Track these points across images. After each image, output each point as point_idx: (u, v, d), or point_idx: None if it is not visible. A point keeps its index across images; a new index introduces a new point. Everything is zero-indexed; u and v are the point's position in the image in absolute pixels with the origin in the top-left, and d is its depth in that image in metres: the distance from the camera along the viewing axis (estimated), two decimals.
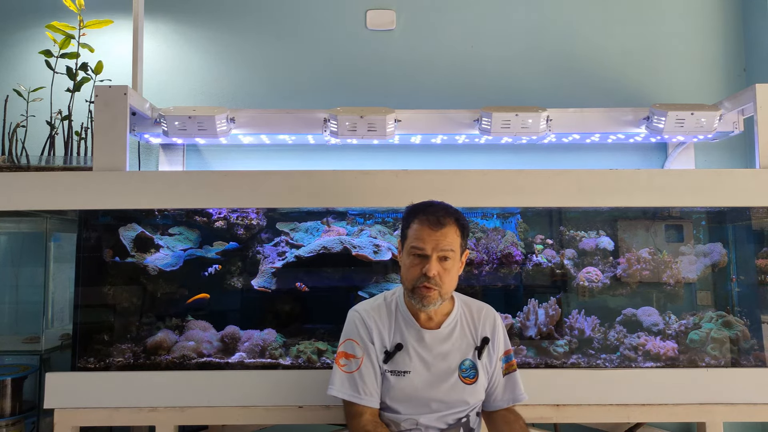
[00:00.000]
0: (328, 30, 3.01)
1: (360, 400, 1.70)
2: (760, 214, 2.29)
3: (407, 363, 1.71)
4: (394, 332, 1.75)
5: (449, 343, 1.74)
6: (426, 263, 1.65)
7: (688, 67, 2.98)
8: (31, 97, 2.69)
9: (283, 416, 2.07)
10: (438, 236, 1.65)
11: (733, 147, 2.90)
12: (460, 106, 2.75)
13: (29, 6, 2.97)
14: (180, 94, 2.96)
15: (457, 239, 1.69)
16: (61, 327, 2.55)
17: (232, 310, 2.43)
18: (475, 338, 1.77)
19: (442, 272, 1.66)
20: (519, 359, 2.16)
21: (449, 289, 1.71)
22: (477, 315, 1.80)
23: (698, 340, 2.22)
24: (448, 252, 1.66)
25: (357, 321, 1.77)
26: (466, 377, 1.72)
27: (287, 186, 2.15)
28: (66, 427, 2.05)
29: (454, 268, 1.70)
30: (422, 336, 1.73)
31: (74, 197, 2.13)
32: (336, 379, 1.73)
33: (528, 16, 3.02)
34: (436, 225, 1.66)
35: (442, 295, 1.68)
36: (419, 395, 1.70)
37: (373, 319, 1.76)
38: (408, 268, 1.70)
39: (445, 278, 1.67)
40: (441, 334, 1.74)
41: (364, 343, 1.74)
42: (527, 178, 2.16)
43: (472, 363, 1.74)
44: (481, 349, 1.75)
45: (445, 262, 1.66)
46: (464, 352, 1.74)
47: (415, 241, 1.67)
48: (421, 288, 1.66)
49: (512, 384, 1.79)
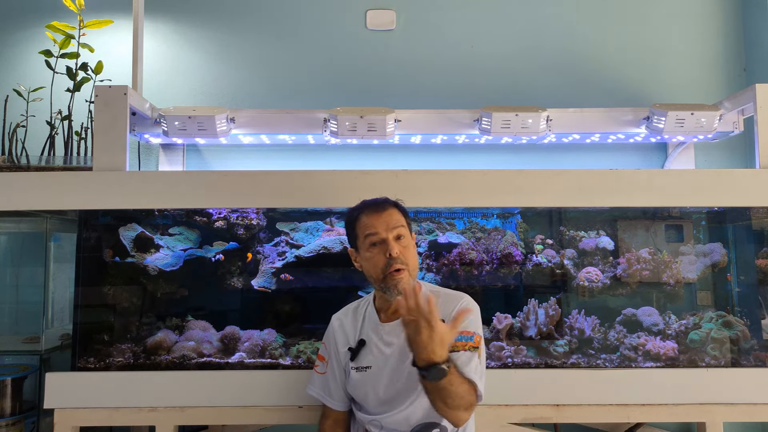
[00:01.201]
0: (328, 30, 3.01)
1: (326, 401, 1.82)
2: (760, 214, 2.29)
3: (369, 358, 1.74)
4: (360, 331, 1.79)
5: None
6: (386, 246, 1.67)
7: (688, 67, 2.98)
8: (31, 97, 2.69)
9: (283, 416, 2.07)
10: (384, 216, 1.69)
11: (733, 147, 2.90)
12: (460, 106, 2.75)
13: (29, 6, 2.97)
14: (180, 94, 2.96)
15: (401, 217, 1.73)
16: (61, 327, 2.55)
17: (232, 310, 2.43)
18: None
19: (402, 250, 1.68)
20: (519, 359, 2.16)
21: (414, 265, 1.71)
22: (442, 301, 1.72)
23: (698, 340, 2.22)
24: (400, 228, 1.70)
25: (329, 326, 1.86)
26: None
27: (287, 186, 2.15)
28: (66, 427, 2.05)
29: (410, 245, 1.72)
30: (380, 330, 1.75)
31: (74, 197, 2.13)
32: (313, 377, 1.86)
33: (528, 15, 3.02)
34: (378, 209, 1.71)
35: (411, 274, 1.68)
36: (379, 388, 1.70)
37: (341, 323, 1.83)
38: (371, 261, 1.70)
39: (407, 255, 1.69)
40: (396, 324, 1.72)
41: (331, 348, 1.82)
42: (527, 178, 2.16)
43: None
44: None
45: (400, 240, 1.69)
46: None
47: (367, 230, 1.70)
48: (393, 273, 1.65)
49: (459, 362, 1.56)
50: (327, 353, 1.84)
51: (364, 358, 1.75)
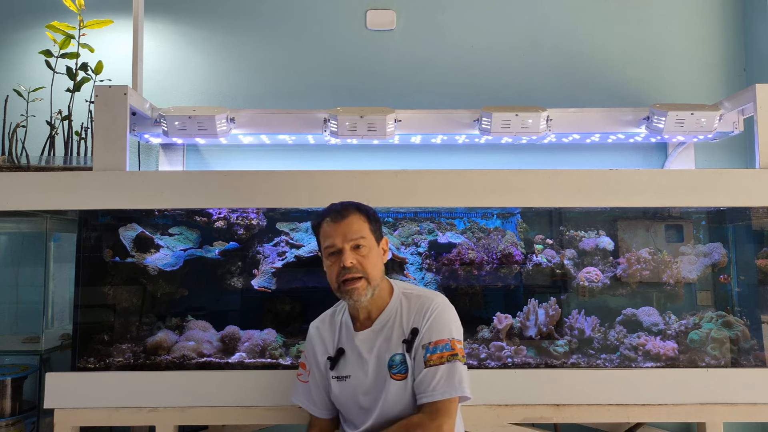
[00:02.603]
0: (328, 30, 3.01)
1: (310, 409, 1.81)
2: (760, 214, 2.29)
3: (347, 368, 1.72)
4: (337, 340, 1.77)
5: (380, 339, 1.70)
6: (341, 258, 1.66)
7: (688, 67, 2.98)
8: (31, 97, 2.69)
9: (283, 416, 2.06)
10: (343, 227, 1.67)
11: (733, 147, 2.90)
12: (460, 105, 2.75)
13: (29, 6, 2.97)
14: (180, 94, 2.96)
15: (364, 225, 1.69)
16: (61, 327, 2.55)
17: (232, 310, 2.43)
18: (405, 330, 1.67)
19: (360, 259, 1.66)
20: (519, 359, 2.16)
21: (375, 274, 1.68)
22: (413, 305, 1.70)
23: (698, 340, 2.22)
24: (359, 239, 1.67)
25: (309, 334, 1.85)
26: (396, 373, 1.65)
27: (287, 186, 2.15)
28: (66, 427, 2.05)
29: (371, 253, 1.68)
30: (354, 338, 1.73)
31: (74, 197, 2.13)
32: (296, 385, 1.84)
33: (528, 16, 3.02)
34: (339, 217, 1.68)
35: (370, 282, 1.66)
36: (358, 398, 1.69)
37: (318, 331, 1.82)
38: (329, 270, 1.70)
39: (366, 264, 1.66)
40: (372, 330, 1.71)
41: (311, 358, 1.81)
42: (527, 178, 2.16)
43: (402, 357, 1.65)
44: (411, 342, 1.65)
45: (359, 249, 1.67)
46: (395, 347, 1.67)
47: (326, 240, 1.69)
48: (344, 284, 1.65)
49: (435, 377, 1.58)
50: (308, 362, 1.82)
51: (343, 368, 1.73)
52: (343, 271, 1.65)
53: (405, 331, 1.68)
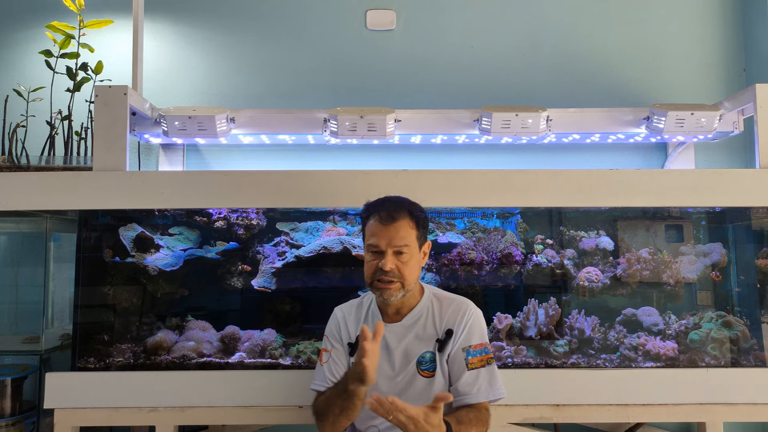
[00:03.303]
0: (328, 30, 3.01)
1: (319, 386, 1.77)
2: (760, 214, 2.29)
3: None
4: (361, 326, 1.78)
5: (410, 335, 1.74)
6: (382, 258, 1.68)
7: (688, 68, 2.98)
8: (31, 97, 2.69)
9: (283, 416, 2.07)
10: (391, 231, 1.68)
11: (733, 147, 2.90)
12: (460, 105, 2.75)
13: (29, 6, 2.97)
14: (180, 94, 2.96)
15: (411, 232, 1.71)
16: (61, 327, 2.55)
17: (232, 310, 2.43)
18: (438, 330, 1.74)
19: (400, 265, 1.69)
20: (519, 359, 2.16)
21: (411, 279, 1.71)
22: (446, 307, 1.76)
23: (698, 340, 2.22)
24: (402, 247, 1.69)
25: (332, 317, 1.87)
26: (425, 370, 1.71)
27: (287, 186, 2.15)
28: (66, 427, 2.05)
29: (412, 260, 1.71)
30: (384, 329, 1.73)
31: (74, 197, 2.13)
32: (316, 373, 1.82)
33: (528, 16, 3.02)
34: (388, 220, 1.69)
35: (405, 286, 1.70)
36: (378, 388, 1.70)
37: (344, 314, 1.84)
38: (367, 265, 1.73)
39: (404, 270, 1.69)
40: (402, 325, 1.75)
41: (334, 338, 1.82)
42: (527, 178, 2.16)
43: (432, 356, 1.72)
44: (443, 342, 1.71)
45: (401, 255, 1.69)
46: (425, 345, 1.73)
47: (370, 238, 1.72)
48: (378, 282, 1.69)
49: (480, 379, 1.68)
50: (330, 343, 1.82)
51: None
52: (380, 271, 1.68)
53: (438, 330, 1.74)
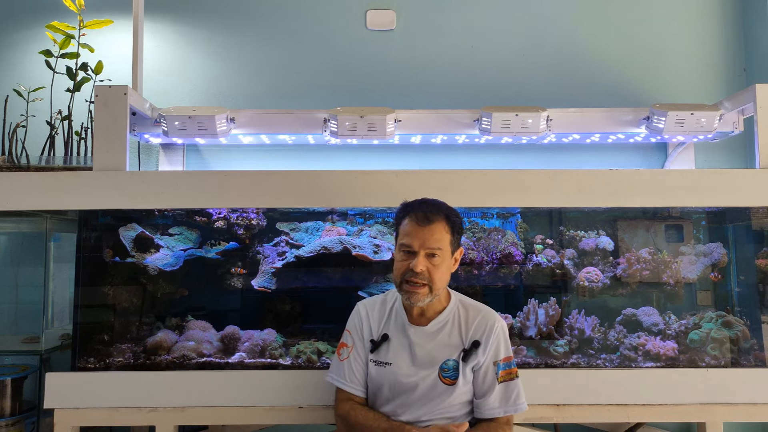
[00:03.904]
0: (328, 30, 3.01)
1: (343, 385, 1.78)
2: (760, 214, 2.29)
3: (389, 355, 1.75)
4: (384, 325, 1.80)
5: (435, 340, 1.74)
6: (413, 259, 1.67)
7: (688, 68, 2.98)
8: (31, 97, 2.69)
9: (283, 416, 2.07)
10: (425, 233, 1.68)
11: (733, 147, 2.90)
12: (460, 105, 2.75)
13: (29, 6, 2.97)
14: (180, 94, 2.96)
15: (446, 236, 1.70)
16: (61, 327, 2.55)
17: (232, 310, 2.43)
18: (464, 340, 1.74)
19: (431, 268, 1.68)
20: (519, 359, 2.16)
21: (440, 284, 1.71)
22: (473, 317, 1.77)
23: (698, 340, 2.22)
24: (435, 249, 1.68)
25: (355, 312, 1.87)
26: (447, 377, 1.71)
27: (287, 186, 2.15)
28: (66, 427, 2.05)
29: (443, 264, 1.70)
30: (407, 331, 1.76)
31: (74, 197, 2.13)
32: (332, 365, 1.84)
33: (528, 16, 3.02)
34: (424, 221, 1.69)
35: (432, 290, 1.69)
36: (397, 388, 1.71)
37: (367, 311, 1.84)
38: (397, 264, 1.73)
39: (435, 274, 1.68)
40: (427, 330, 1.75)
41: (356, 334, 1.82)
42: (527, 178, 2.16)
43: (455, 364, 1.72)
44: (468, 352, 1.71)
45: (433, 258, 1.68)
46: (450, 352, 1.73)
47: (404, 237, 1.71)
48: (407, 283, 1.68)
49: (509, 392, 1.72)
50: (352, 340, 1.82)
51: (385, 354, 1.76)
52: (410, 272, 1.67)
53: (464, 339, 1.74)
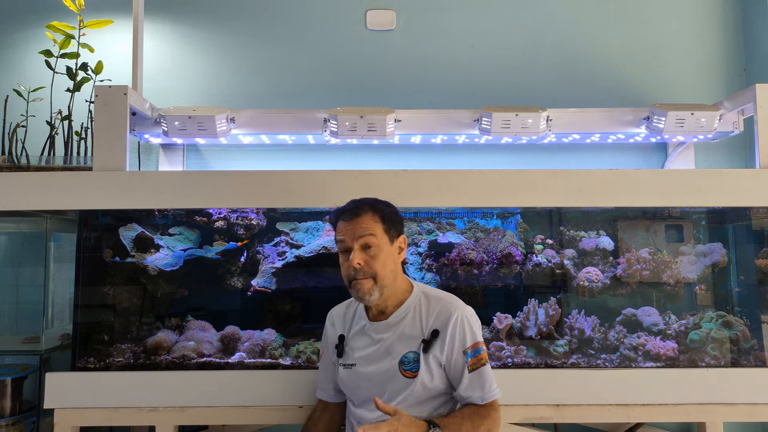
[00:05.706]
0: (328, 30, 3.01)
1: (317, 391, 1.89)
2: (760, 214, 2.29)
3: (354, 356, 1.76)
4: (349, 328, 1.81)
5: (394, 334, 1.71)
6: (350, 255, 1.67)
7: (688, 67, 2.98)
8: (31, 97, 2.69)
9: (283, 416, 2.07)
10: (353, 225, 1.67)
11: (733, 147, 2.90)
12: (460, 106, 2.74)
13: (29, 6, 2.97)
14: (180, 94, 2.96)
15: (375, 224, 1.68)
16: (61, 327, 2.55)
17: (232, 310, 2.43)
18: (424, 330, 1.69)
19: (368, 260, 1.65)
20: (519, 359, 2.16)
21: (385, 274, 1.66)
22: (434, 307, 1.71)
23: (698, 340, 2.22)
24: (367, 237, 1.65)
25: (327, 321, 1.90)
26: (407, 370, 1.66)
27: (287, 186, 2.15)
28: (66, 427, 2.05)
29: (381, 253, 1.67)
30: (368, 330, 1.76)
31: (74, 197, 2.13)
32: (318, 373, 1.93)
33: (528, 15, 3.02)
34: (350, 216, 1.69)
35: (377, 281, 1.66)
36: (362, 387, 1.72)
37: (333, 318, 1.88)
38: (341, 267, 1.72)
39: (375, 265, 1.65)
40: (388, 323, 1.73)
41: (324, 341, 1.88)
42: (527, 178, 2.16)
43: (416, 356, 1.67)
44: (429, 343, 1.66)
45: (369, 249, 1.66)
46: (410, 344, 1.68)
47: (337, 236, 1.71)
48: (354, 280, 1.67)
49: (482, 379, 1.65)
50: (323, 347, 1.90)
51: (350, 356, 1.77)
52: (353, 270, 1.66)
53: (424, 330, 1.69)
